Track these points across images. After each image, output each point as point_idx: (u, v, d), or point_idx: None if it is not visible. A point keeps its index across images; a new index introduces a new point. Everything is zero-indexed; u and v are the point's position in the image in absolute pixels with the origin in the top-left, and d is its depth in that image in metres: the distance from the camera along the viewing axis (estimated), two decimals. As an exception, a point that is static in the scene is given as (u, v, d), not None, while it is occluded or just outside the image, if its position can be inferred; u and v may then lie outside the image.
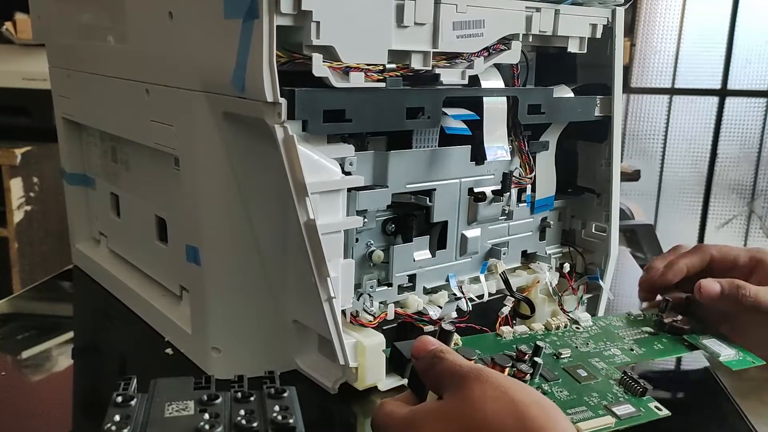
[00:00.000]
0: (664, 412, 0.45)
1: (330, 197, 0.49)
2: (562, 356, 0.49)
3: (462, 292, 0.59)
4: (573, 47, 0.61)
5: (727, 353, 0.53)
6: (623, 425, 0.43)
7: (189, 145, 0.54)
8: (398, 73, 0.51)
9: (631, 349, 0.52)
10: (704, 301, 0.55)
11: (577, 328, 0.54)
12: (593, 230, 0.68)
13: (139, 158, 0.67)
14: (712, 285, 0.55)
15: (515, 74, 0.61)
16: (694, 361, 0.61)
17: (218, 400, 0.35)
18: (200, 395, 0.36)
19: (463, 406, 0.36)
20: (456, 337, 0.48)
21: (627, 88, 2.78)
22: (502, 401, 0.35)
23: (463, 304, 0.57)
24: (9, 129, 1.53)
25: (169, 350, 0.61)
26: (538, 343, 0.47)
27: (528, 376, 0.45)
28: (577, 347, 0.51)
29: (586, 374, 0.48)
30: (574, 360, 0.49)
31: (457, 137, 0.56)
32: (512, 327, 0.53)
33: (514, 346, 0.48)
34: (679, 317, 0.56)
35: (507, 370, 0.43)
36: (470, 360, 0.41)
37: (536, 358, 0.45)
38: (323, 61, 0.46)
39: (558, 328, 0.53)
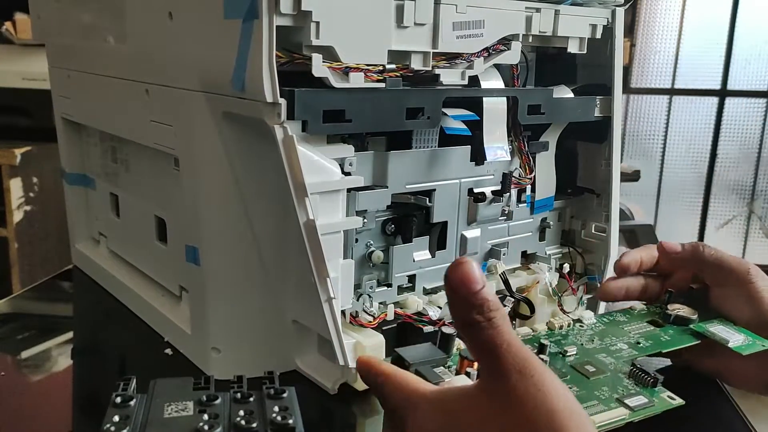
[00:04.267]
0: (678, 401, 0.44)
1: (330, 197, 0.49)
2: (568, 354, 0.49)
3: (462, 293, 0.59)
4: (573, 47, 0.61)
5: (735, 339, 0.52)
6: (637, 416, 0.42)
7: (189, 145, 0.54)
8: (398, 74, 0.51)
9: (638, 343, 0.51)
10: (667, 257, 0.57)
11: (581, 326, 0.54)
12: (593, 231, 0.68)
13: (139, 158, 0.67)
14: (673, 243, 0.57)
15: (515, 74, 0.61)
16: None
17: (217, 401, 0.35)
18: (199, 395, 0.36)
19: (501, 403, 0.33)
20: (458, 341, 0.48)
21: (627, 89, 2.78)
22: (541, 406, 0.32)
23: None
24: (9, 129, 1.53)
25: (168, 350, 0.61)
26: (542, 341, 0.47)
27: None
28: (582, 344, 0.51)
29: (594, 369, 0.47)
30: (580, 357, 0.49)
31: (457, 137, 0.56)
32: (513, 328, 0.52)
33: None
34: (684, 307, 0.55)
35: None
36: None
37: (542, 356, 0.45)
38: (323, 62, 0.46)
39: (561, 327, 0.53)
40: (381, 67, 0.50)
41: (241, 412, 0.35)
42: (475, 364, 0.41)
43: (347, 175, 0.51)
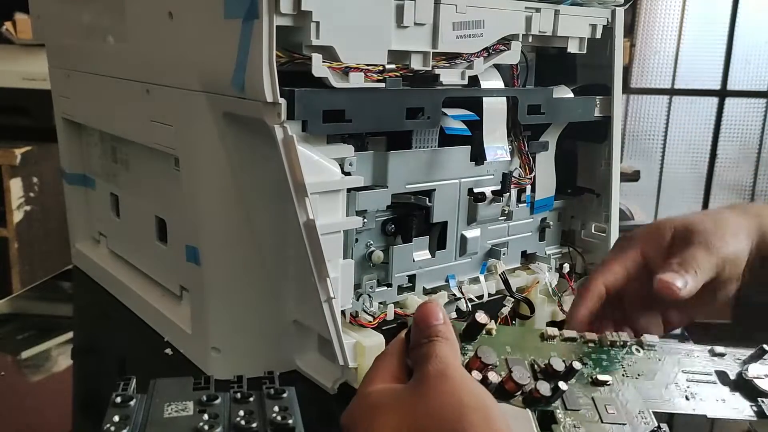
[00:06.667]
0: None
1: (330, 197, 0.49)
2: (598, 381, 0.41)
3: (461, 293, 0.59)
4: (573, 47, 0.61)
5: None
6: None
7: (189, 145, 0.54)
8: (398, 74, 0.51)
9: (687, 398, 0.42)
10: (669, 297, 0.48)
11: (637, 350, 0.45)
12: (593, 231, 0.68)
13: (139, 158, 0.67)
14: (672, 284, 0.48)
15: (515, 74, 0.61)
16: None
17: (217, 401, 0.35)
18: (199, 396, 0.36)
19: (419, 399, 0.36)
20: (484, 332, 0.43)
21: (627, 89, 2.78)
22: (450, 400, 0.36)
23: (463, 305, 0.57)
24: (9, 129, 1.53)
25: (168, 350, 0.61)
26: (575, 365, 0.40)
27: (544, 401, 0.40)
28: (624, 373, 0.42)
29: (614, 413, 0.39)
30: (610, 392, 0.41)
31: (457, 137, 0.56)
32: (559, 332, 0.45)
33: (552, 354, 0.42)
34: (764, 375, 0.44)
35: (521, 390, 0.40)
36: (488, 365, 0.40)
37: (561, 384, 0.39)
38: (323, 62, 0.46)
39: (613, 345, 0.44)
40: (381, 67, 0.50)
41: (241, 412, 0.35)
42: (481, 364, 0.41)
43: (347, 175, 0.51)
